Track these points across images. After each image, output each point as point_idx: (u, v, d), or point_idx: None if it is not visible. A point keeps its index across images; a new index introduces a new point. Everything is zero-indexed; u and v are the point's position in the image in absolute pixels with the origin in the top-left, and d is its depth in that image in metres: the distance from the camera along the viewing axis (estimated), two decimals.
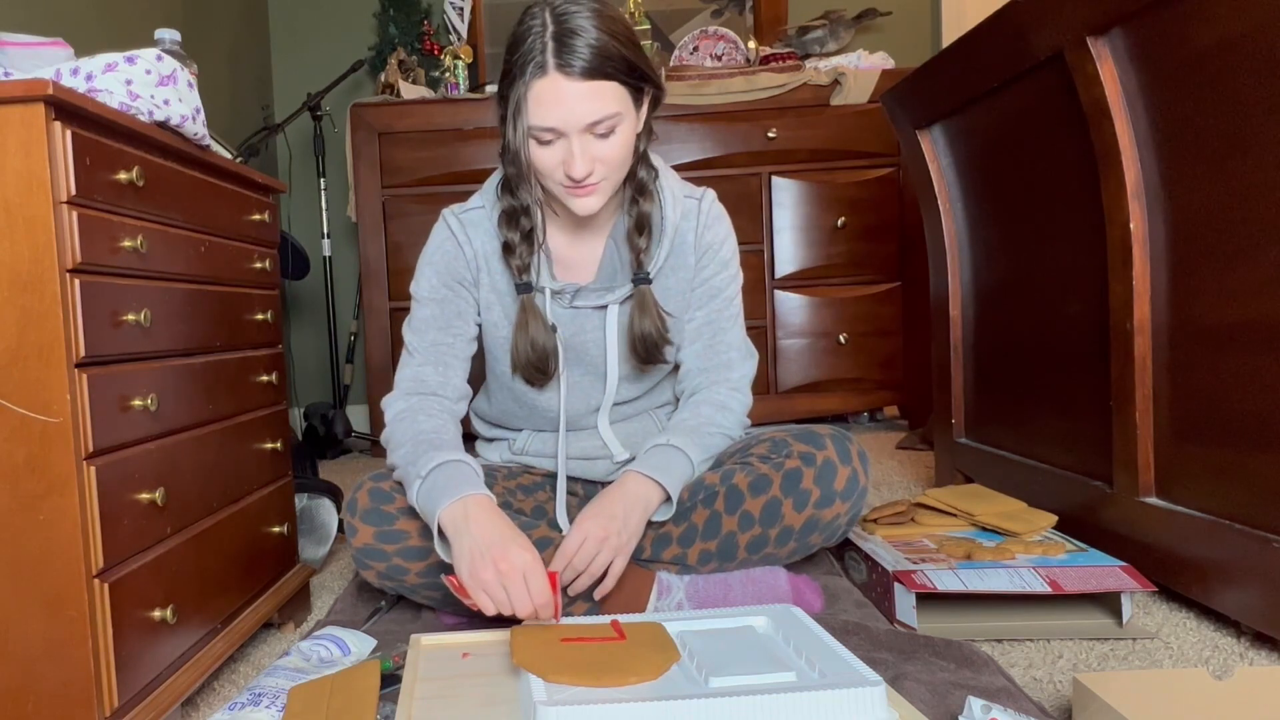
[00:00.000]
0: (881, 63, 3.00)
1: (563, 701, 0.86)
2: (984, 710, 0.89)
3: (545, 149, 1.19)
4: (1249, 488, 1.19)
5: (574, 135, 1.16)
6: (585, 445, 1.42)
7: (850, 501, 1.28)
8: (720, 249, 1.39)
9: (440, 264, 1.36)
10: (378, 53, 3.35)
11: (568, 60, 1.12)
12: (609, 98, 1.15)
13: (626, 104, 1.18)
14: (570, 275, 1.37)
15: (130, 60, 1.04)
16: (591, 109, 1.15)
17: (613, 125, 1.17)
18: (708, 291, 1.40)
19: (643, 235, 1.32)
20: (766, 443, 1.32)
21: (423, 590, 1.27)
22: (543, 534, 1.27)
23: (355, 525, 1.25)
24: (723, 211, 1.41)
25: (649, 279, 1.33)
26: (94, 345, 0.93)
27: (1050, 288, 1.64)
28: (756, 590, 1.29)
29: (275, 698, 1.04)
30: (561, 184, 1.21)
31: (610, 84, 1.15)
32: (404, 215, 3.02)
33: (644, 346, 1.32)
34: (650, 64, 1.22)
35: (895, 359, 3.03)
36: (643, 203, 1.31)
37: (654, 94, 1.25)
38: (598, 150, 1.18)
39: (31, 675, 0.91)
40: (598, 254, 1.37)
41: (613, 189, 1.25)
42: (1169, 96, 1.28)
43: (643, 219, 1.32)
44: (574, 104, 1.14)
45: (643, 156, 1.31)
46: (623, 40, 1.16)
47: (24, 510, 0.90)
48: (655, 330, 1.31)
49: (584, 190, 1.21)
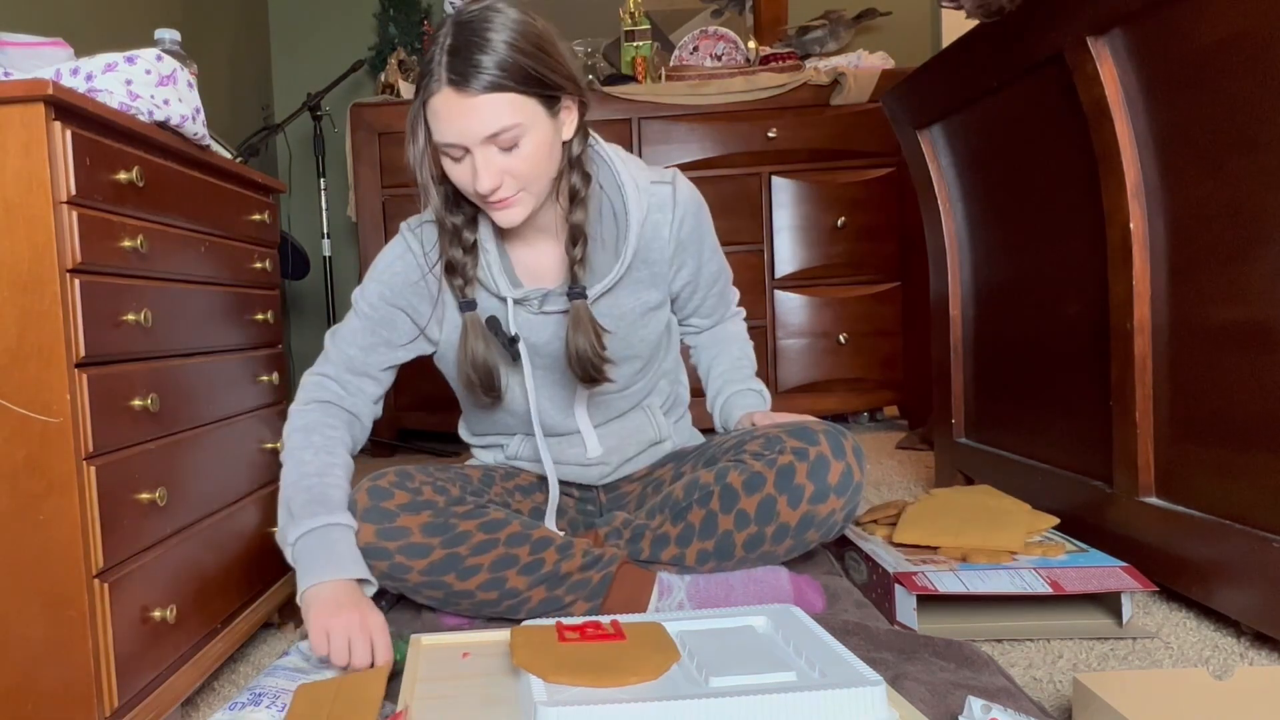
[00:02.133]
0: (881, 63, 3.00)
1: (563, 701, 0.86)
2: (984, 710, 0.89)
3: (456, 165, 1.19)
4: (1249, 488, 1.19)
5: (476, 149, 1.15)
6: (575, 452, 1.41)
7: (845, 496, 1.28)
8: (703, 244, 1.43)
9: (387, 281, 1.35)
10: (378, 53, 3.35)
11: (460, 73, 1.11)
12: (505, 109, 1.13)
13: (532, 113, 1.15)
14: (536, 281, 1.34)
15: (130, 60, 1.04)
16: (486, 122, 1.13)
17: (515, 137, 1.15)
18: (709, 275, 1.47)
19: (576, 245, 1.28)
20: (760, 439, 1.32)
21: (425, 590, 1.27)
22: (542, 534, 1.28)
23: (356, 525, 1.25)
24: (696, 195, 1.39)
25: (584, 294, 1.29)
26: (94, 345, 0.93)
27: (1050, 288, 1.64)
28: (758, 590, 1.29)
29: (275, 698, 1.04)
30: (477, 198, 1.20)
31: (506, 95, 1.12)
32: (404, 215, 2.96)
33: (580, 366, 1.27)
34: (565, 71, 1.19)
35: (895, 359, 3.03)
36: (575, 213, 1.27)
37: (578, 100, 1.23)
38: (503, 163, 1.16)
39: (31, 675, 0.91)
40: (560, 257, 1.34)
41: (535, 199, 1.22)
42: (1169, 96, 1.28)
43: (575, 230, 1.28)
44: (470, 118, 1.13)
45: (575, 162, 1.27)
46: (524, 49, 1.13)
47: (24, 510, 0.90)
48: (590, 347, 1.26)
49: (500, 205, 1.20)
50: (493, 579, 1.24)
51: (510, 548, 1.25)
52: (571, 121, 1.24)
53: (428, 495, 1.26)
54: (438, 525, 1.24)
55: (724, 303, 1.56)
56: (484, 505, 1.30)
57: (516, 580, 1.24)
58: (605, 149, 1.33)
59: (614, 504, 1.48)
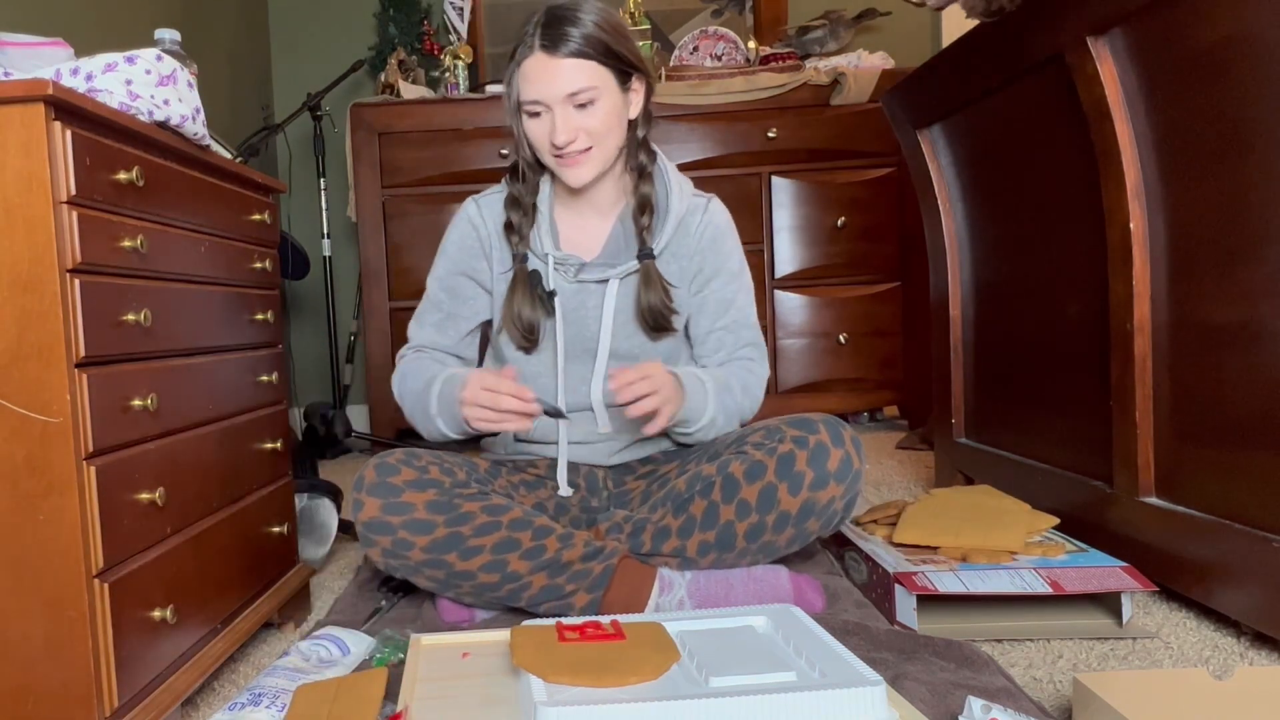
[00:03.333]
0: (881, 63, 3.00)
1: (563, 701, 0.86)
2: (984, 710, 0.89)
3: (534, 121, 1.34)
4: (1249, 488, 1.19)
5: (556, 106, 1.31)
6: (587, 428, 1.45)
7: (845, 484, 1.29)
8: (721, 260, 1.48)
9: (452, 255, 1.49)
10: (378, 53, 3.35)
11: (550, 39, 1.29)
12: (586, 73, 1.30)
13: (607, 81, 1.32)
14: (576, 249, 1.45)
15: (130, 60, 1.04)
16: (569, 80, 1.29)
17: (591, 97, 1.31)
18: (721, 302, 1.49)
19: (645, 214, 1.43)
20: (761, 431, 1.34)
21: (426, 570, 1.27)
22: (544, 522, 1.30)
23: (362, 500, 1.27)
24: (728, 218, 1.51)
25: (653, 254, 1.42)
26: (94, 345, 0.92)
27: (1050, 288, 1.64)
28: (758, 589, 1.30)
29: (275, 698, 1.04)
30: (551, 154, 1.35)
31: (588, 62, 1.30)
32: (404, 215, 3.02)
33: (652, 316, 1.42)
34: (639, 57, 1.37)
35: (895, 359, 3.03)
36: (643, 185, 1.43)
37: (645, 84, 1.39)
38: (579, 120, 1.32)
39: (31, 675, 0.91)
40: (604, 233, 1.46)
41: (603, 160, 1.36)
42: (1169, 96, 1.28)
43: (644, 200, 1.43)
44: (553, 77, 1.29)
45: (642, 143, 1.43)
46: (607, 29, 1.31)
47: (24, 510, 0.90)
48: (661, 302, 1.41)
49: (571, 161, 1.34)
50: (494, 561, 1.26)
51: (512, 531, 1.27)
52: (638, 103, 1.40)
53: (434, 475, 1.29)
54: (442, 504, 1.26)
55: (734, 344, 1.49)
56: (487, 491, 1.33)
57: (518, 564, 1.26)
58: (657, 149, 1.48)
59: (618, 500, 1.49)
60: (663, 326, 1.43)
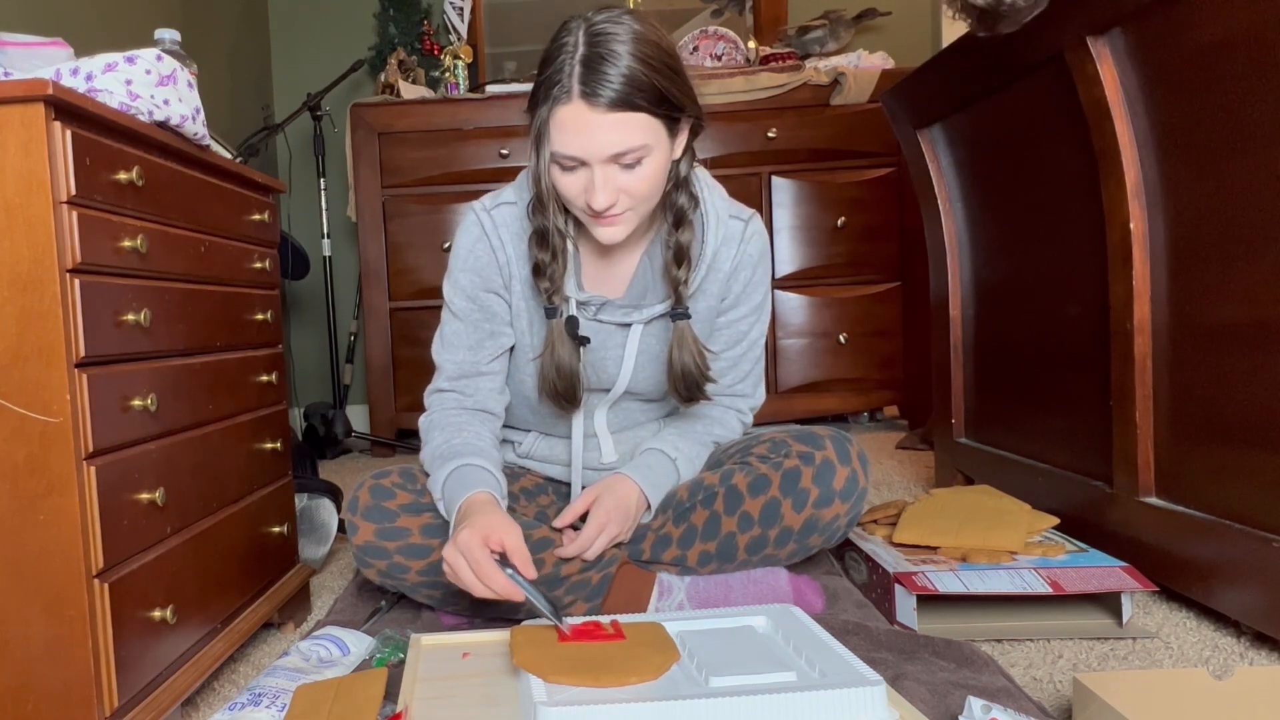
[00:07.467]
0: (881, 63, 3.00)
1: (563, 701, 0.86)
2: (984, 710, 0.89)
3: (568, 175, 1.15)
4: (1249, 488, 1.19)
5: (597, 165, 1.11)
6: (591, 455, 1.42)
7: (850, 502, 1.28)
8: (746, 287, 1.36)
9: (473, 269, 1.32)
10: (378, 53, 3.35)
11: (594, 89, 1.07)
12: (635, 129, 1.10)
13: (657, 134, 1.13)
14: (599, 288, 1.32)
15: (130, 60, 1.04)
16: (615, 140, 1.09)
17: (639, 157, 1.12)
18: (734, 335, 1.38)
19: (681, 267, 1.25)
20: (766, 443, 1.32)
21: (423, 589, 1.27)
22: (543, 534, 1.28)
23: (356, 523, 1.25)
24: (765, 244, 1.37)
25: (688, 314, 1.27)
26: (94, 345, 0.92)
27: (1050, 288, 1.64)
28: (758, 590, 1.29)
29: (275, 698, 1.04)
30: (584, 212, 1.17)
31: (638, 115, 1.09)
32: (404, 215, 3.02)
33: (685, 384, 1.27)
34: (689, 91, 1.18)
35: (895, 359, 3.03)
36: (681, 233, 1.25)
37: (694, 121, 1.21)
38: (622, 181, 1.13)
39: (31, 675, 0.91)
40: (630, 270, 1.32)
41: (639, 219, 1.20)
42: (1169, 96, 1.28)
43: (681, 250, 1.25)
44: (597, 134, 1.09)
45: (683, 182, 1.25)
46: (657, 67, 1.10)
47: (24, 510, 0.90)
48: (695, 365, 1.26)
49: (607, 220, 1.16)
50: None
51: None
52: (682, 141, 1.21)
53: (429, 499, 1.26)
54: (437, 527, 1.24)
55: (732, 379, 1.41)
56: None
57: None
58: (698, 173, 1.31)
59: None
60: (695, 396, 1.29)
